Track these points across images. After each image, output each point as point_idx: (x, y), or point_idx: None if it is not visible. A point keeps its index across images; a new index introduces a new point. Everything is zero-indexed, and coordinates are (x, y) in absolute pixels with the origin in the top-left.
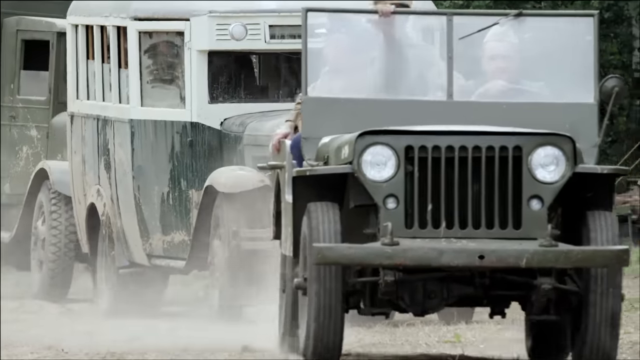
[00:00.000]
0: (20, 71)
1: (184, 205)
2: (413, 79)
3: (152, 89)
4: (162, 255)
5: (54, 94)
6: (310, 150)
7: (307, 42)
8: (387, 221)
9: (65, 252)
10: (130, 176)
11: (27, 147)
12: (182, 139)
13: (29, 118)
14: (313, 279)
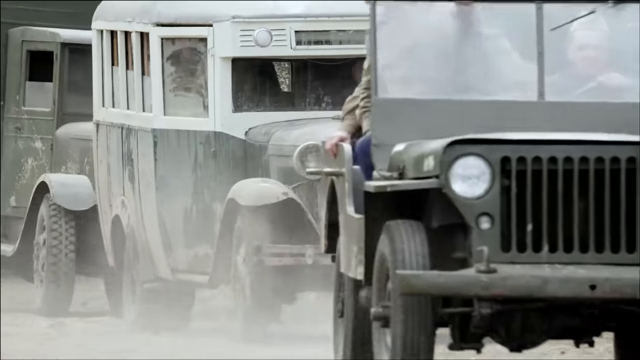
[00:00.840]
0: (25, 82)
1: (207, 218)
2: (497, 76)
3: (175, 97)
4: (186, 270)
5: (58, 105)
6: (381, 158)
7: (375, 36)
8: (481, 244)
9: (66, 266)
10: (154, 187)
11: (32, 159)
12: (205, 149)
13: (34, 130)
14: (398, 310)
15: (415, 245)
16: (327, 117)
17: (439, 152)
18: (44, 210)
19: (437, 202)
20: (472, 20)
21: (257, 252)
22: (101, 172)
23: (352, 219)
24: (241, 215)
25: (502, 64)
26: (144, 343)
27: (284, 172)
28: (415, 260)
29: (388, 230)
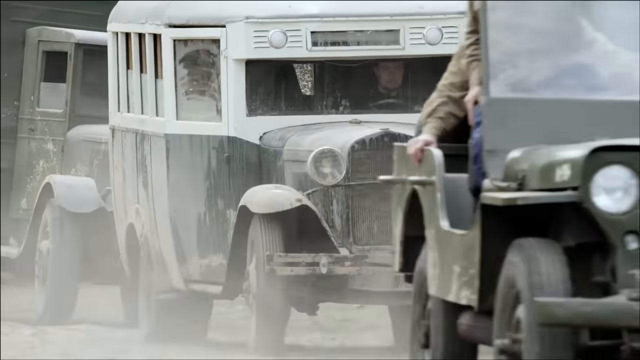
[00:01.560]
0: (40, 83)
1: (221, 226)
2: (619, 73)
3: (187, 101)
4: (199, 280)
5: (70, 106)
6: (495, 166)
7: (487, 34)
8: (630, 267)
9: (69, 273)
10: (166, 194)
11: (43, 161)
12: (218, 155)
13: (46, 131)
14: (534, 342)
15: (554, 268)
16: (345, 121)
17: (578, 161)
18: (48, 213)
19: (572, 218)
20: (588, 13)
21: (269, 262)
22: (116, 179)
23: (451, 234)
24: (253, 223)
25: (621, 59)
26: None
27: (299, 178)
28: (555, 285)
29: (519, 250)
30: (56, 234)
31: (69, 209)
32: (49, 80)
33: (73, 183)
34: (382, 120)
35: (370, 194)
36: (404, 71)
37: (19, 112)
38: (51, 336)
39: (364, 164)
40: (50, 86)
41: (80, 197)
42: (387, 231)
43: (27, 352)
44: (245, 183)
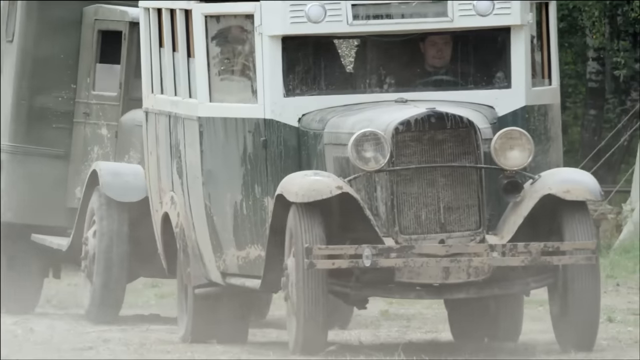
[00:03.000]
0: (96, 64)
1: (258, 215)
2: None
3: (220, 81)
4: (236, 274)
5: (124, 89)
6: None
7: None
8: None
9: (117, 266)
10: (200, 182)
11: (98, 147)
12: (254, 139)
13: (100, 115)
14: None
15: None
16: (390, 100)
17: None
18: (95, 202)
19: None
20: None
21: (308, 254)
22: (151, 165)
23: None
24: (291, 212)
25: None
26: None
27: (340, 163)
28: None
29: None
30: (103, 224)
31: (115, 198)
32: (105, 61)
33: (119, 170)
34: (429, 98)
35: (416, 179)
36: (453, 46)
37: (75, 95)
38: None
39: (409, 147)
40: (105, 68)
41: (126, 185)
42: (435, 219)
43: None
44: (284, 169)
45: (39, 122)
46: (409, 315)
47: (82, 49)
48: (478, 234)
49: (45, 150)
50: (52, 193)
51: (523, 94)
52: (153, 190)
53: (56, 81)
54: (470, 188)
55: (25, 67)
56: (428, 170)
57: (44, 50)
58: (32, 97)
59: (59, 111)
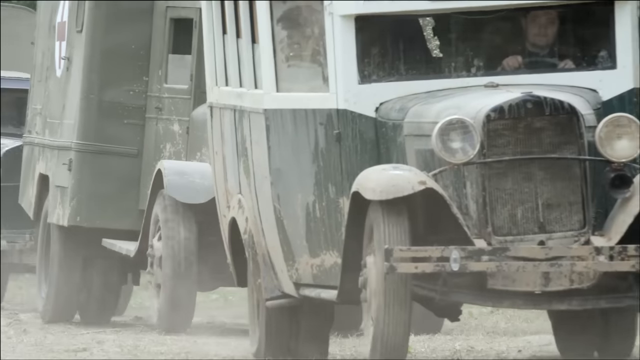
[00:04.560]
0: (168, 55)
1: (333, 218)
2: None
3: (288, 68)
4: (311, 284)
5: (195, 81)
6: None
7: None
8: None
9: (185, 273)
10: (268, 182)
11: (169, 145)
12: (327, 132)
13: (172, 110)
14: None
15: None
16: (479, 85)
17: None
18: (159, 206)
19: None
20: None
21: (388, 257)
22: (217, 166)
23: None
24: (369, 211)
25: None
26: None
27: (424, 155)
28: None
29: None
30: (168, 229)
31: (179, 200)
32: (177, 52)
33: (185, 170)
34: (523, 82)
35: (511, 172)
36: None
37: (147, 89)
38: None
39: (503, 137)
40: (176, 59)
41: (192, 186)
42: (533, 218)
43: None
44: (360, 164)
45: (109, 118)
46: None
47: (154, 39)
48: (582, 234)
49: (116, 149)
50: (123, 194)
51: (630, 75)
52: (220, 194)
53: (127, 74)
54: (572, 182)
55: (95, 59)
56: (524, 162)
57: (114, 40)
58: (101, 92)
59: (130, 106)
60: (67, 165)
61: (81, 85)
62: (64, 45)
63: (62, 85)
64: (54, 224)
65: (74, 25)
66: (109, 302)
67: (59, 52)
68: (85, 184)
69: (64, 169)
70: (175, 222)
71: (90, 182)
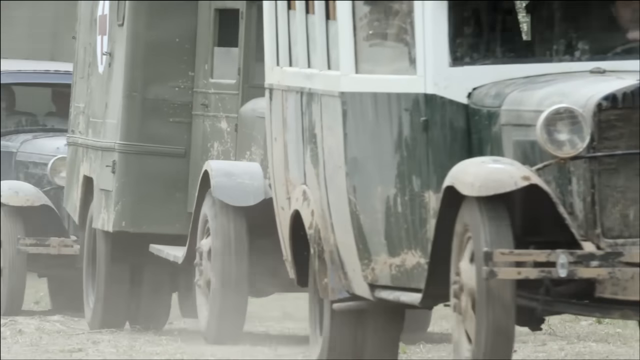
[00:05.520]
0: (214, 48)
1: (417, 213)
2: None
3: (369, 48)
4: (389, 285)
5: (243, 76)
6: None
7: None
8: None
9: (236, 279)
10: (343, 173)
11: (217, 144)
12: (413, 119)
13: (219, 107)
14: None
15: None
16: (583, 71)
17: None
18: (207, 207)
19: None
20: None
21: (487, 261)
22: (276, 153)
23: None
24: (465, 208)
25: None
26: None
27: (524, 148)
28: None
29: None
30: (216, 232)
31: (227, 202)
32: (223, 44)
33: (232, 170)
34: (633, 69)
35: (623, 169)
36: None
37: (193, 84)
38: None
39: (615, 128)
40: (222, 52)
41: (241, 187)
42: None
43: None
44: (450, 155)
45: (153, 117)
46: None
47: (200, 31)
48: None
49: (162, 149)
50: (171, 197)
51: None
52: (278, 184)
53: (172, 69)
54: None
55: (137, 54)
56: (638, 157)
57: (157, 34)
58: (145, 88)
59: (176, 103)
60: (111, 168)
61: (123, 82)
62: (106, 40)
63: (105, 83)
64: (99, 229)
65: (115, 19)
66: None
67: (101, 48)
68: (130, 187)
69: (107, 172)
70: (224, 226)
71: (136, 185)
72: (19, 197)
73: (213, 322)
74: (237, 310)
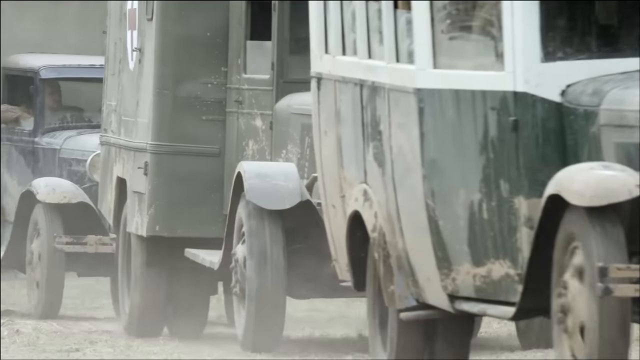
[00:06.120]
0: (246, 42)
1: (505, 220)
2: None
3: (449, 40)
4: (472, 297)
5: (277, 70)
6: None
7: None
8: None
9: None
10: (419, 175)
11: (252, 142)
12: (500, 119)
13: (253, 103)
14: None
15: None
16: None
17: None
18: (242, 210)
19: None
20: None
21: (602, 276)
22: (325, 148)
23: None
24: (570, 218)
25: None
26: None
27: (627, 150)
28: None
29: None
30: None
31: (261, 205)
32: (255, 38)
33: (266, 171)
34: None
35: None
36: None
37: (226, 80)
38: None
39: None
40: (255, 45)
41: (276, 189)
42: None
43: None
44: (542, 158)
45: (185, 115)
46: None
47: (232, 24)
48: None
49: (195, 148)
50: (206, 199)
51: None
52: (329, 181)
53: (203, 65)
54: None
55: (167, 50)
56: None
57: (187, 28)
58: (176, 86)
59: (208, 100)
60: (143, 169)
61: (153, 79)
62: (135, 35)
63: (135, 79)
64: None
65: (144, 13)
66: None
67: (131, 43)
68: (163, 189)
69: (140, 173)
70: (260, 230)
71: (169, 187)
72: (56, 194)
73: (250, 331)
74: (275, 318)
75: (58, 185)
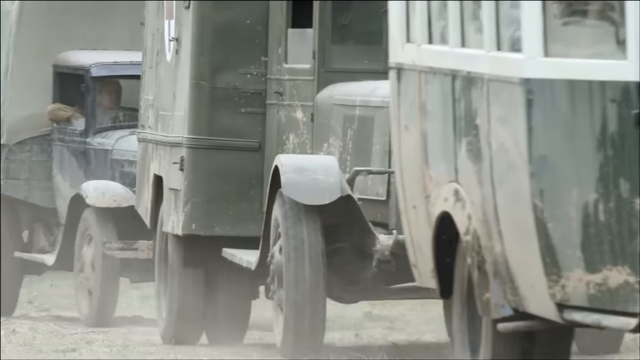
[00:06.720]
0: (287, 30)
1: (625, 223)
2: None
3: (562, 27)
4: (585, 306)
5: (319, 60)
6: None
7: None
8: None
9: (311, 288)
10: (526, 173)
11: (293, 135)
12: (621, 112)
13: (294, 94)
14: None
15: None
16: None
17: None
18: (278, 207)
19: None
20: None
21: None
22: (406, 142)
23: None
24: None
25: None
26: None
27: None
28: None
29: None
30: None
31: (299, 200)
32: (296, 25)
33: (306, 165)
34: None
35: None
36: None
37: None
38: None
39: None
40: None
41: (315, 184)
42: None
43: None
44: None
45: (224, 108)
46: None
47: (272, 11)
48: None
49: (234, 142)
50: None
51: None
52: (410, 179)
53: (243, 54)
54: None
55: (204, 39)
56: None
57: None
58: (214, 77)
59: (248, 92)
60: (179, 165)
61: (190, 70)
62: (173, 24)
63: (172, 71)
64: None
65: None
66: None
67: (168, 33)
68: (200, 186)
69: (175, 169)
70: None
71: (206, 183)
72: (105, 198)
73: (289, 336)
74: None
75: (107, 189)
